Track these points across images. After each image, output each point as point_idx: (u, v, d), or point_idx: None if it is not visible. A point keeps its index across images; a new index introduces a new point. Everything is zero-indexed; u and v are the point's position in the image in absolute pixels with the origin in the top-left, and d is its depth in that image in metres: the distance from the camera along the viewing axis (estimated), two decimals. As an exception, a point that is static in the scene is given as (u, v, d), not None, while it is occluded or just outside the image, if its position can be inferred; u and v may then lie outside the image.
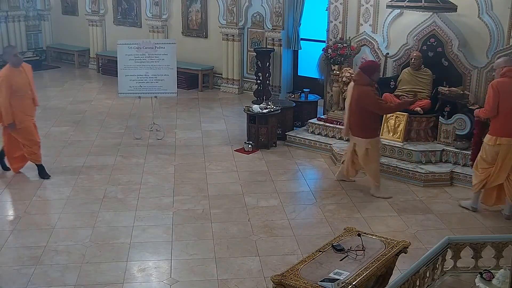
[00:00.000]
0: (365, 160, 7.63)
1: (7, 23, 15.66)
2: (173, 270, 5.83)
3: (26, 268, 5.82)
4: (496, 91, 6.83)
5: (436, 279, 5.42)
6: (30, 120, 8.12)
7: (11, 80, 7.78)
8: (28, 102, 8.10)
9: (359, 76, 7.61)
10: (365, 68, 7.64)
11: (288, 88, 12.45)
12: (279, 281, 4.41)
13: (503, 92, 6.82)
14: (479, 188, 7.11)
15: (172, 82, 9.78)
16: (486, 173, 7.01)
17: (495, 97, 6.83)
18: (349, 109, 7.64)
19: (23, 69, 8.04)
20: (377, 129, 7.81)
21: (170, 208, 7.25)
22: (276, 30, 12.19)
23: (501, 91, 6.82)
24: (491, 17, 8.51)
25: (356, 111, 7.55)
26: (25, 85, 8.01)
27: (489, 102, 6.89)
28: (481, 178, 7.05)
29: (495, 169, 6.93)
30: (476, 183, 7.11)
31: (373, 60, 9.01)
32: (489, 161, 6.95)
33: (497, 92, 6.82)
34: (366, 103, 7.47)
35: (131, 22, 14.82)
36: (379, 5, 9.43)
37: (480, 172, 7.06)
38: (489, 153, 6.94)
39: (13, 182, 8.02)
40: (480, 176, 7.06)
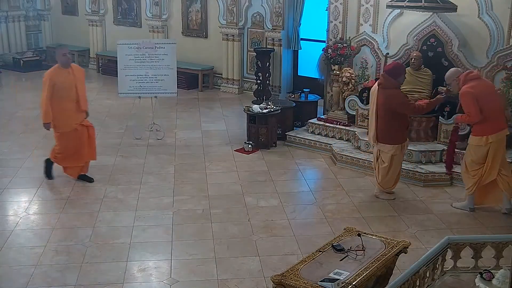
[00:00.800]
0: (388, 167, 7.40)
1: (7, 23, 15.68)
2: (173, 270, 5.83)
3: (26, 268, 5.82)
4: (472, 96, 6.83)
5: (436, 279, 5.42)
6: (69, 125, 7.77)
7: (55, 80, 7.59)
8: (70, 105, 7.73)
9: (385, 80, 7.25)
10: (390, 70, 7.31)
11: (288, 88, 12.45)
12: (279, 281, 4.41)
13: (479, 95, 6.84)
14: (474, 189, 7.10)
15: (172, 82, 9.78)
16: (478, 174, 7.01)
17: (474, 102, 6.83)
18: (375, 115, 7.30)
19: (71, 71, 7.82)
20: (405, 133, 7.49)
21: (170, 208, 7.25)
22: (276, 30, 12.20)
23: (476, 95, 6.84)
24: (491, 17, 8.51)
25: (385, 116, 7.23)
26: (69, 87, 7.70)
27: (471, 109, 6.85)
28: (475, 180, 7.04)
29: (486, 167, 6.95)
30: (471, 186, 7.09)
31: (397, 62, 8.68)
32: (480, 162, 6.97)
33: (474, 96, 6.83)
34: (396, 106, 7.18)
35: (131, 22, 14.83)
36: (379, 5, 9.43)
37: (472, 174, 7.04)
38: (479, 153, 6.94)
39: (13, 182, 8.02)
40: (473, 178, 7.04)
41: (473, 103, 6.84)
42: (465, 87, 6.92)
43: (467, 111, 6.93)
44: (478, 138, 6.92)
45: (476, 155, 6.98)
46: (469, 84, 6.92)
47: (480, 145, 6.92)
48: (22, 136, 9.95)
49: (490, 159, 6.93)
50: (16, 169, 8.47)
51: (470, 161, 7.03)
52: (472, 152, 7.01)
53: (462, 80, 6.98)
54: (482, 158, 6.95)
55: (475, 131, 7.00)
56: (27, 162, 8.75)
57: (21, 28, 15.96)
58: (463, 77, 7.00)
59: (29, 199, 7.50)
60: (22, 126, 10.50)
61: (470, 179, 7.07)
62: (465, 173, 7.14)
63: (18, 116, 11.14)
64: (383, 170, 7.44)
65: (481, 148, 6.93)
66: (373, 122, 7.38)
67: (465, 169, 7.11)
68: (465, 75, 7.02)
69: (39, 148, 9.37)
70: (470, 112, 6.89)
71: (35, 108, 11.71)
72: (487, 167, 6.95)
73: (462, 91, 6.93)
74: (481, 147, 6.92)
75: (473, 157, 7.00)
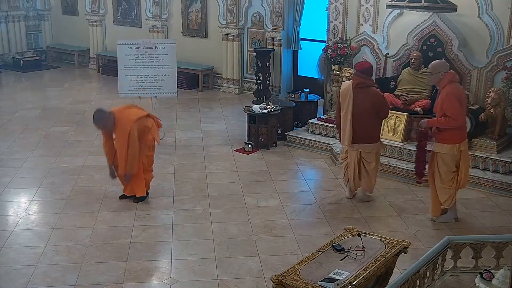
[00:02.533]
0: (376, 165, 7.40)
1: (7, 23, 15.68)
2: (173, 270, 5.83)
3: (26, 268, 5.82)
4: (458, 97, 6.54)
5: (436, 279, 5.42)
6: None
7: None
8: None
9: (365, 79, 7.12)
10: (367, 69, 7.25)
11: (288, 88, 12.45)
12: (279, 281, 4.41)
13: (461, 99, 6.62)
14: (452, 200, 6.83)
15: (172, 82, 9.77)
16: (454, 183, 6.75)
17: (458, 103, 6.52)
18: (357, 115, 7.08)
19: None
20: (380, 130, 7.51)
21: (170, 208, 7.25)
22: (276, 30, 12.20)
23: (460, 98, 6.60)
24: (491, 17, 8.51)
25: (369, 116, 7.10)
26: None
27: (457, 110, 6.49)
28: (452, 190, 6.76)
29: (461, 174, 6.72)
30: (448, 197, 6.77)
31: (365, 61, 8.74)
32: (453, 170, 6.70)
33: (458, 98, 6.55)
34: (382, 106, 7.14)
35: (131, 22, 14.83)
36: (379, 5, 9.43)
37: (449, 185, 6.73)
38: (452, 162, 6.66)
39: (13, 182, 8.02)
40: (450, 189, 6.75)
41: (459, 106, 6.55)
42: (452, 88, 6.55)
43: (452, 113, 6.47)
44: (451, 146, 6.59)
45: (450, 164, 6.65)
46: (454, 85, 6.61)
47: (453, 153, 6.62)
48: (22, 136, 9.95)
49: (463, 166, 6.70)
50: (16, 169, 8.47)
51: (445, 171, 6.68)
52: (446, 162, 6.65)
53: (449, 78, 6.58)
54: (455, 166, 6.68)
55: (446, 139, 6.59)
56: (27, 162, 8.74)
57: (21, 28, 15.95)
58: (451, 76, 6.61)
59: (29, 199, 7.50)
60: (22, 126, 10.49)
61: (447, 190, 6.74)
62: (441, 186, 6.75)
63: (18, 116, 11.13)
64: (374, 170, 7.38)
65: (454, 156, 6.63)
66: (349, 123, 7.12)
67: (441, 180, 6.73)
68: (453, 75, 6.68)
69: (39, 148, 9.38)
70: (455, 115, 6.49)
71: (35, 108, 11.75)
72: (462, 174, 6.72)
73: (450, 91, 6.53)
74: (453, 155, 6.62)
75: (447, 167, 6.66)
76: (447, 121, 6.52)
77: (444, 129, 6.59)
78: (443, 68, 6.65)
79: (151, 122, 7.33)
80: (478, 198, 7.66)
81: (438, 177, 6.74)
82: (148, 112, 7.43)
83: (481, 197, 7.68)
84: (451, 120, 6.49)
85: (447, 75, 6.60)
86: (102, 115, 7.09)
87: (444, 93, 6.56)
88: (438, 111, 6.63)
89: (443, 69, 6.63)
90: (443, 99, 6.54)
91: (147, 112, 7.42)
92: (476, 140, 8.24)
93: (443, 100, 6.53)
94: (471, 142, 8.24)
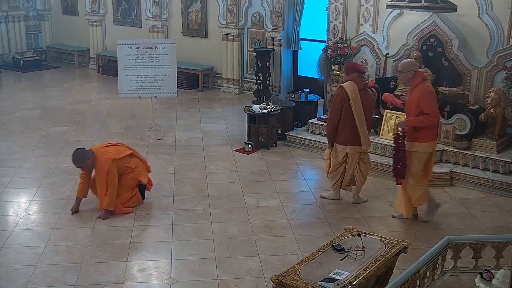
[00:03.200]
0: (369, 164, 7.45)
1: (7, 23, 15.68)
2: (173, 270, 5.83)
3: (26, 268, 5.82)
4: (434, 95, 6.62)
5: (436, 279, 5.42)
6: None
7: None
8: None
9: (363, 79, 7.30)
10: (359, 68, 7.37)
11: (288, 88, 12.45)
12: (279, 281, 4.41)
13: (435, 95, 6.68)
14: (426, 196, 6.83)
15: (172, 82, 9.77)
16: (425, 180, 6.74)
17: (435, 101, 6.60)
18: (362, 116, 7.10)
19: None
20: None
21: (170, 208, 7.25)
22: (276, 30, 12.20)
23: (434, 94, 6.66)
24: (491, 17, 8.51)
25: (368, 117, 7.19)
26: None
27: (435, 108, 6.54)
28: (424, 187, 6.76)
29: (428, 171, 6.73)
30: (421, 194, 6.76)
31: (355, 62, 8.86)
32: (422, 168, 6.67)
33: (434, 95, 6.63)
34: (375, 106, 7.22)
35: (131, 22, 14.83)
36: (379, 5, 9.44)
37: (420, 183, 6.70)
38: (424, 160, 6.64)
39: (13, 182, 8.02)
40: (422, 186, 6.73)
41: (436, 103, 6.62)
42: (427, 86, 6.58)
43: (430, 110, 6.47)
44: (426, 144, 6.57)
45: (421, 163, 6.63)
46: (427, 83, 6.65)
47: (427, 152, 6.61)
48: (22, 136, 9.95)
49: (430, 164, 6.72)
50: (16, 169, 8.47)
51: (416, 169, 6.65)
52: (420, 160, 6.62)
53: (422, 77, 6.59)
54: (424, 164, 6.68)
55: (422, 137, 6.55)
56: (27, 162, 8.74)
57: (21, 28, 15.95)
58: (423, 75, 6.66)
59: (29, 199, 7.50)
60: (22, 126, 10.49)
61: (419, 187, 6.71)
62: (413, 184, 6.70)
63: (18, 116, 11.13)
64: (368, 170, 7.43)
65: (425, 154, 6.61)
66: (365, 124, 7.12)
67: (413, 179, 6.68)
68: (423, 73, 6.69)
69: (39, 148, 9.38)
70: (434, 112, 6.51)
71: (35, 108, 11.75)
72: (428, 173, 6.74)
73: (426, 90, 6.53)
74: (426, 153, 6.61)
75: (420, 166, 6.64)
76: (427, 119, 6.50)
77: (421, 128, 6.56)
78: (413, 67, 6.65)
79: (136, 162, 7.19)
80: (478, 198, 7.66)
81: (409, 176, 6.70)
82: (132, 151, 7.27)
83: (481, 197, 7.68)
84: (430, 117, 6.50)
85: (419, 74, 6.63)
86: (81, 154, 6.96)
87: (419, 91, 6.53)
88: (413, 110, 6.57)
89: (413, 68, 6.62)
90: (419, 98, 6.50)
91: (132, 151, 7.26)
92: (476, 140, 8.25)
93: (420, 99, 6.50)
94: (471, 142, 8.26)
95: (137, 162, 7.26)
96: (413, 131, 6.60)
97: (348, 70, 7.32)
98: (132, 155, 7.24)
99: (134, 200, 7.22)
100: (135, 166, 7.19)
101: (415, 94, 6.57)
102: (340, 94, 7.16)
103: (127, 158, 7.13)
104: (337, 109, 7.17)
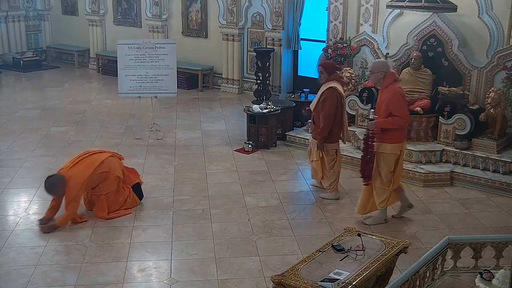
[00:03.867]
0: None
1: (7, 23, 15.68)
2: (173, 270, 5.83)
3: (26, 268, 5.82)
4: (404, 97, 6.59)
5: (436, 279, 5.42)
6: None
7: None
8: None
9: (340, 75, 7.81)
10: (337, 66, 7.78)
11: (288, 88, 12.45)
12: (279, 281, 4.41)
13: (405, 97, 6.66)
14: (388, 201, 6.78)
15: (172, 82, 9.78)
16: (391, 184, 6.71)
17: (405, 103, 6.58)
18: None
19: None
20: None
21: (170, 208, 7.25)
22: (276, 30, 12.19)
23: (404, 96, 6.63)
24: (491, 17, 8.51)
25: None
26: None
27: (406, 109, 6.52)
28: (389, 191, 6.72)
29: (396, 174, 6.68)
30: (385, 198, 6.71)
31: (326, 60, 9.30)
32: (391, 170, 6.64)
33: (404, 97, 6.61)
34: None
35: (131, 22, 14.83)
36: (379, 5, 9.44)
37: (387, 186, 6.66)
38: (392, 161, 6.60)
39: (13, 182, 8.02)
40: (388, 190, 6.69)
41: (406, 105, 6.59)
42: (398, 87, 6.52)
43: (400, 113, 6.43)
44: (395, 146, 6.53)
45: (390, 164, 6.58)
46: (398, 84, 6.59)
47: (395, 153, 6.57)
48: (22, 136, 9.95)
49: (399, 165, 6.68)
50: (16, 169, 8.47)
51: (386, 171, 6.60)
52: (387, 161, 6.58)
53: (393, 78, 6.55)
54: (393, 166, 6.64)
55: (390, 138, 6.51)
56: (27, 162, 8.74)
57: (21, 28, 15.95)
58: (394, 76, 6.61)
59: (29, 199, 7.49)
60: (22, 126, 10.49)
61: (385, 190, 6.68)
62: (380, 186, 6.67)
63: (18, 116, 11.13)
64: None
65: (394, 156, 6.57)
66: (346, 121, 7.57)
67: (381, 181, 6.64)
68: (395, 74, 6.68)
69: (39, 148, 9.38)
70: (403, 114, 6.47)
71: (35, 108, 11.75)
72: (398, 174, 6.71)
73: (397, 91, 6.47)
74: (394, 155, 6.56)
75: (388, 167, 6.59)
76: (396, 121, 6.46)
77: (389, 129, 6.53)
78: (384, 68, 6.59)
79: (109, 163, 6.95)
80: (478, 198, 7.66)
81: (377, 177, 6.67)
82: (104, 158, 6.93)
83: (481, 197, 7.68)
84: (400, 119, 6.46)
85: (390, 75, 6.57)
86: (52, 182, 6.68)
87: (390, 93, 6.49)
88: (382, 111, 6.53)
89: (383, 69, 6.56)
90: (389, 99, 6.46)
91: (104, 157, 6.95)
92: (476, 140, 8.25)
93: (390, 100, 6.45)
94: (471, 142, 8.26)
95: (110, 161, 7.00)
96: (381, 132, 6.56)
97: (329, 69, 7.41)
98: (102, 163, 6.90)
99: (129, 202, 7.15)
100: (109, 167, 6.95)
101: (385, 95, 6.54)
102: (334, 94, 7.26)
103: (100, 166, 6.86)
104: (334, 110, 7.27)
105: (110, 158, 7.07)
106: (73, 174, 6.70)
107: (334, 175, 7.50)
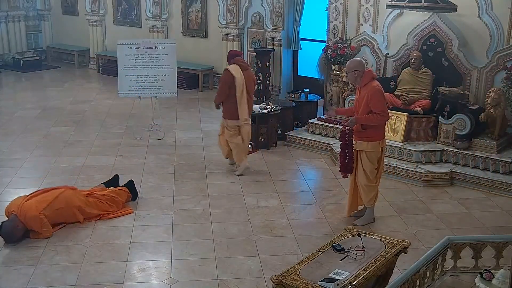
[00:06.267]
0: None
1: (7, 23, 15.68)
2: (173, 270, 5.83)
3: (26, 268, 5.82)
4: (383, 94, 6.56)
5: (436, 279, 5.42)
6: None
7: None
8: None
9: (242, 59, 8.40)
10: (237, 52, 8.59)
11: (288, 88, 12.44)
12: (279, 281, 4.41)
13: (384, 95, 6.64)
14: (375, 198, 6.84)
15: (172, 82, 9.77)
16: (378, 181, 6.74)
17: (384, 100, 6.58)
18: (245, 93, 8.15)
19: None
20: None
21: (170, 208, 7.25)
22: (276, 30, 12.19)
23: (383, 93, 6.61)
24: (491, 17, 8.51)
25: (250, 93, 8.36)
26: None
27: (384, 108, 6.52)
28: (376, 188, 6.76)
29: (379, 171, 6.74)
30: (373, 195, 6.76)
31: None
32: (375, 167, 6.67)
33: (383, 95, 6.58)
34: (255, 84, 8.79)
35: (131, 22, 14.83)
36: (379, 5, 9.44)
37: (374, 182, 6.69)
38: (375, 159, 6.63)
39: (13, 182, 8.02)
40: (375, 187, 6.73)
41: (385, 102, 6.61)
42: (377, 85, 6.52)
43: (380, 110, 6.45)
44: (375, 144, 6.56)
45: (374, 161, 6.62)
46: (376, 82, 6.59)
47: (377, 151, 6.60)
48: (22, 136, 9.95)
49: (381, 163, 6.73)
50: (16, 169, 8.47)
51: (371, 169, 6.63)
52: (371, 159, 6.60)
53: (371, 76, 6.55)
54: (376, 163, 6.66)
55: (371, 136, 6.54)
56: (27, 162, 8.74)
57: (21, 28, 15.95)
58: (372, 74, 6.62)
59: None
60: (22, 126, 10.49)
61: (372, 187, 6.71)
62: (367, 184, 6.68)
63: (18, 116, 11.13)
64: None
65: (376, 153, 6.60)
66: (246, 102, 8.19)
67: (367, 179, 6.66)
68: (372, 72, 6.70)
69: (39, 148, 9.38)
70: (383, 111, 6.48)
71: (35, 108, 11.75)
72: (380, 172, 6.74)
73: (375, 88, 6.48)
74: (376, 152, 6.60)
75: (372, 164, 6.62)
76: (377, 118, 6.47)
77: (369, 127, 6.54)
78: (358, 67, 6.56)
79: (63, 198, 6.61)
80: (478, 198, 7.66)
81: (363, 176, 6.68)
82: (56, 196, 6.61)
83: (481, 197, 7.68)
84: (379, 116, 6.47)
85: (368, 73, 6.58)
86: (7, 230, 6.27)
87: (370, 90, 6.49)
88: (362, 109, 6.54)
89: (357, 68, 6.54)
90: (369, 96, 6.47)
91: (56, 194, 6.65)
92: (476, 140, 8.25)
93: (370, 97, 6.46)
94: (471, 142, 8.26)
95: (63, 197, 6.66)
96: (360, 130, 6.59)
97: (229, 59, 8.27)
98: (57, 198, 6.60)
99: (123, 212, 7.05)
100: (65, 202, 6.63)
101: (363, 93, 6.55)
102: (227, 75, 8.10)
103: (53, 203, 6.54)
104: (226, 89, 8.13)
105: (64, 193, 6.73)
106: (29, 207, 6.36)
107: (239, 147, 8.27)
